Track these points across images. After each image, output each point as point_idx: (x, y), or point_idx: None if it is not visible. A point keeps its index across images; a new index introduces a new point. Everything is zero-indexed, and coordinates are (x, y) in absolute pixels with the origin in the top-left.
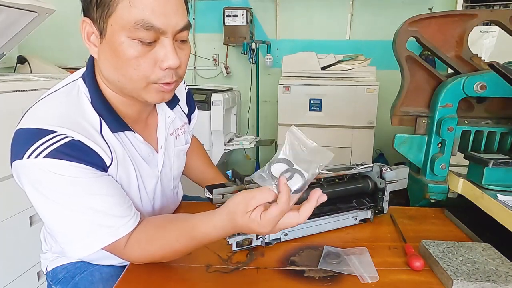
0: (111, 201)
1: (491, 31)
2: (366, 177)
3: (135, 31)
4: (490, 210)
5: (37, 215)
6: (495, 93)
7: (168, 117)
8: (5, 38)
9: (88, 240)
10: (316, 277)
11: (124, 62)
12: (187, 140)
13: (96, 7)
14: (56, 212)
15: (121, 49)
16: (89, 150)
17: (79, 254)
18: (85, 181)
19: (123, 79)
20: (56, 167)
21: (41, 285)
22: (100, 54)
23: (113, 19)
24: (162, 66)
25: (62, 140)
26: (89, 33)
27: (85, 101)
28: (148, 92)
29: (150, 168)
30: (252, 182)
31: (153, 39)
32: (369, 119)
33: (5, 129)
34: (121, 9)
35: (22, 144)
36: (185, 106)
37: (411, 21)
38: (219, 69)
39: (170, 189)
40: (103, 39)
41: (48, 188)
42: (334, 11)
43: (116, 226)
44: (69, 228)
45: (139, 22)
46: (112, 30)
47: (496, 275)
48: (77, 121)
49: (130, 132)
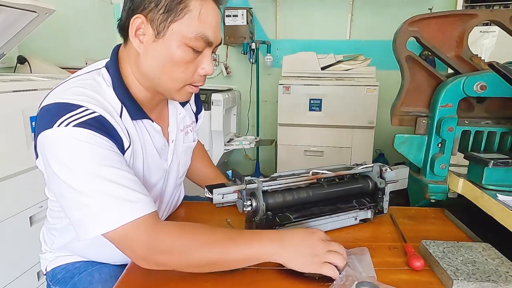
0: (131, 177)
1: (491, 31)
2: (366, 177)
3: (193, 41)
4: (490, 210)
5: (37, 215)
6: (495, 93)
7: (179, 114)
8: (5, 38)
9: (108, 214)
10: (316, 277)
11: (176, 64)
12: (195, 138)
13: (163, 11)
14: (79, 183)
15: (177, 53)
16: (113, 128)
17: (96, 230)
18: (111, 154)
19: (165, 77)
20: (84, 136)
21: (41, 285)
22: (148, 51)
23: (176, 25)
24: (201, 72)
25: (91, 114)
26: (138, 28)
27: (109, 88)
28: (180, 92)
29: (161, 160)
30: (252, 182)
31: (202, 49)
32: (369, 119)
33: (5, 129)
34: (188, 19)
35: (53, 115)
36: (194, 105)
37: (411, 21)
38: (219, 69)
39: (174, 187)
40: (160, 39)
41: (74, 158)
42: (334, 11)
43: (139, 202)
44: (90, 200)
45: (200, 34)
46: (172, 34)
47: (496, 275)
48: (101, 101)
49: (148, 121)
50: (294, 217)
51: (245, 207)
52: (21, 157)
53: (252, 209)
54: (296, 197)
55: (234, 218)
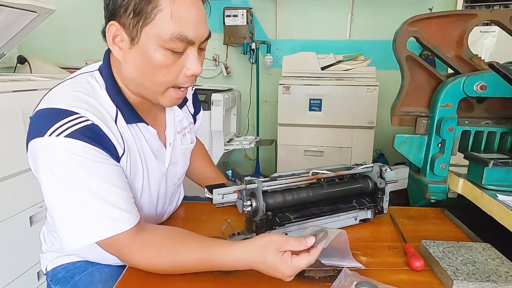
0: (117, 192)
1: (491, 31)
2: (366, 177)
3: (170, 42)
4: (490, 210)
5: (37, 215)
6: (495, 93)
7: (177, 116)
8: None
9: (86, 230)
10: (316, 277)
11: (155, 68)
12: (193, 139)
13: (132, 15)
14: (62, 194)
15: (154, 57)
16: (106, 137)
17: (74, 244)
18: (98, 166)
19: (148, 83)
20: (75, 147)
21: (41, 285)
22: (128, 58)
23: (149, 28)
24: (187, 73)
25: (83, 122)
26: (115, 36)
27: (103, 91)
28: (164, 97)
29: (158, 163)
30: (252, 182)
31: (183, 49)
32: (369, 119)
33: (5, 129)
34: (159, 20)
35: (44, 123)
36: (192, 106)
37: (411, 21)
38: (219, 69)
39: (173, 189)
40: (135, 45)
41: (61, 168)
42: (334, 11)
43: (118, 220)
44: (71, 213)
45: (176, 35)
46: (146, 39)
47: (496, 275)
48: (96, 107)
49: (144, 124)
50: (294, 217)
51: (245, 207)
52: (21, 157)
53: (252, 209)
54: (296, 197)
55: (234, 218)
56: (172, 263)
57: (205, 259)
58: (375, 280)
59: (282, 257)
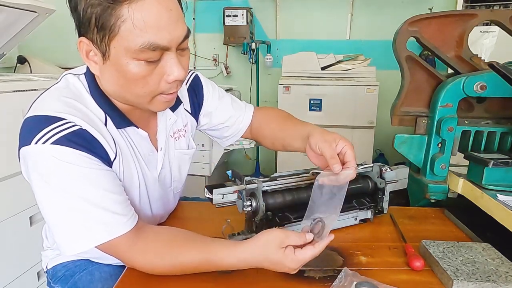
0: (111, 197)
1: (491, 31)
2: (366, 177)
3: (140, 53)
4: (490, 210)
5: (37, 215)
6: (495, 93)
7: (169, 119)
8: (5, 38)
9: (81, 236)
10: (316, 277)
11: (131, 82)
12: (191, 145)
13: (97, 30)
14: (55, 202)
15: (127, 70)
16: (95, 141)
17: (71, 250)
18: (88, 172)
19: (129, 95)
20: (62, 154)
21: (41, 285)
22: (103, 72)
23: (116, 41)
24: (168, 79)
25: (70, 128)
26: (88, 51)
27: (88, 95)
28: (153, 104)
29: (149, 168)
30: (252, 182)
31: (158, 57)
32: (369, 119)
33: (5, 129)
34: (124, 32)
35: (30, 131)
36: (189, 105)
37: (411, 21)
38: (219, 69)
39: (170, 192)
40: (107, 60)
41: (51, 175)
42: (334, 11)
43: (113, 224)
44: (65, 220)
45: (145, 45)
46: (116, 52)
47: (496, 275)
48: (84, 111)
49: (133, 128)
50: (294, 217)
51: (245, 207)
52: None
53: (252, 209)
54: (296, 197)
55: (234, 218)
56: (173, 265)
57: (207, 260)
58: (375, 280)
59: (285, 253)
